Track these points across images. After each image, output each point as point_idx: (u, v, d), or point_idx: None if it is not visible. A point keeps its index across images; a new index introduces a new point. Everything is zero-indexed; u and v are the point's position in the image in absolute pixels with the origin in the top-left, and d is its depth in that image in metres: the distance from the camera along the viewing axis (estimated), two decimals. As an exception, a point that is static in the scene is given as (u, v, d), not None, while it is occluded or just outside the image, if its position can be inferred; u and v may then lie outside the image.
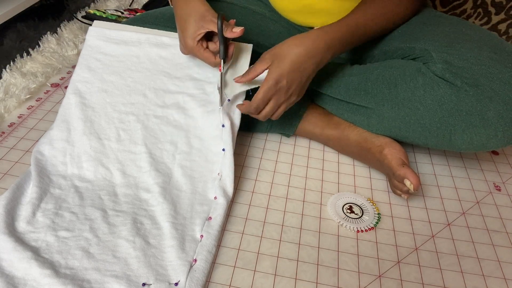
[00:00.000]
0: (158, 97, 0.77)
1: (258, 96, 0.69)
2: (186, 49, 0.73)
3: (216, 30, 0.68)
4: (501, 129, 0.65)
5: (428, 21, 0.78)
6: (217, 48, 0.71)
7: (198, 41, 0.70)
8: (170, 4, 0.77)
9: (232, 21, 0.71)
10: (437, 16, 0.80)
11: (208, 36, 0.72)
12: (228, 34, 0.68)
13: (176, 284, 0.56)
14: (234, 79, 0.72)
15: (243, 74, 0.72)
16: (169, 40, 0.81)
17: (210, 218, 0.65)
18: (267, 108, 0.70)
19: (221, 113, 0.73)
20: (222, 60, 0.71)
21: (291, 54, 0.68)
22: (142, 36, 0.82)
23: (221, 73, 0.72)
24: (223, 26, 0.68)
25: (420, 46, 0.73)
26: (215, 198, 0.68)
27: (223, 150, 0.72)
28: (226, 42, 0.70)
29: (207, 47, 0.72)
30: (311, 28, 0.88)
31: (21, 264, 0.55)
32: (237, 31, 0.68)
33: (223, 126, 0.73)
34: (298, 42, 0.69)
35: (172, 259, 0.59)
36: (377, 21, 0.75)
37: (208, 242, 0.61)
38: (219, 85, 0.74)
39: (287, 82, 0.68)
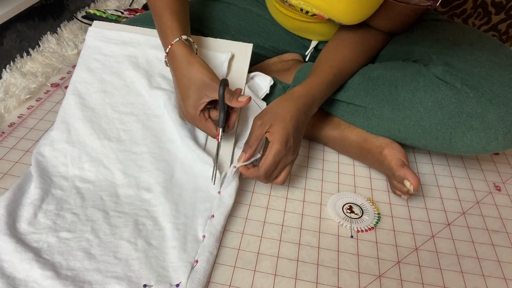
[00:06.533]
0: (155, 97, 0.77)
1: (267, 161, 0.64)
2: (187, 118, 0.69)
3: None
4: (501, 132, 0.65)
5: (427, 25, 0.78)
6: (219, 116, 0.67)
7: (201, 110, 0.67)
8: (166, 65, 0.72)
9: (238, 89, 0.68)
10: (437, 20, 0.80)
11: (211, 103, 0.68)
12: (234, 103, 0.63)
13: (177, 285, 0.56)
14: (237, 162, 0.66)
15: (244, 148, 0.66)
16: None
17: (213, 216, 0.65)
18: (276, 171, 0.66)
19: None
20: (221, 129, 0.66)
21: (290, 112, 0.66)
22: (142, 37, 0.82)
23: (218, 143, 0.68)
24: (227, 94, 0.63)
25: (420, 48, 0.73)
26: (219, 193, 0.67)
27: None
28: (228, 109, 0.66)
29: (209, 116, 0.68)
30: (309, 40, 0.89)
31: (22, 266, 0.55)
32: (243, 100, 0.63)
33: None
34: (289, 100, 0.68)
35: (174, 260, 0.59)
36: (353, 61, 0.75)
37: (210, 243, 0.61)
38: (214, 157, 0.68)
39: (294, 139, 0.65)
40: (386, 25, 0.76)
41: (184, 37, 0.69)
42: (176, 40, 0.68)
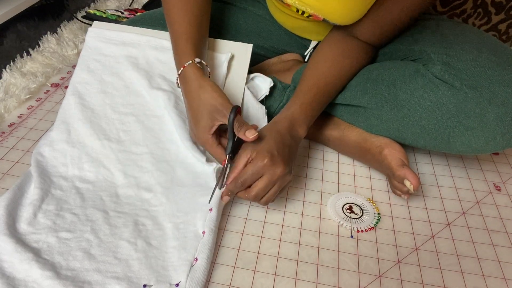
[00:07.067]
0: (156, 97, 0.77)
1: (246, 169, 0.61)
2: (198, 141, 0.69)
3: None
4: (499, 132, 0.65)
5: (427, 23, 0.78)
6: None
7: (212, 134, 0.66)
8: (177, 86, 0.72)
9: (254, 125, 0.64)
10: (437, 19, 0.80)
11: (223, 127, 0.67)
12: (241, 135, 0.61)
13: (177, 285, 0.56)
14: (222, 196, 0.65)
15: (229, 174, 0.64)
16: (169, 44, 0.81)
17: (211, 209, 0.64)
18: (261, 184, 0.61)
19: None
20: (228, 156, 0.64)
21: (271, 135, 0.64)
22: (142, 38, 0.82)
23: (223, 168, 0.65)
24: (236, 123, 0.61)
25: (419, 47, 0.73)
26: (210, 210, 0.65)
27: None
28: (238, 137, 0.63)
29: (220, 142, 0.67)
30: (309, 40, 0.89)
31: (22, 266, 0.55)
32: (250, 136, 0.60)
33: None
34: (269, 128, 0.67)
35: (174, 259, 0.59)
36: (334, 77, 0.74)
37: (210, 240, 0.61)
38: (216, 181, 0.66)
39: (279, 153, 0.62)
40: (370, 34, 0.74)
41: (197, 60, 0.68)
42: (188, 62, 0.68)
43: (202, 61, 0.70)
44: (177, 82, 0.71)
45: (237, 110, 0.61)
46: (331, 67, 0.74)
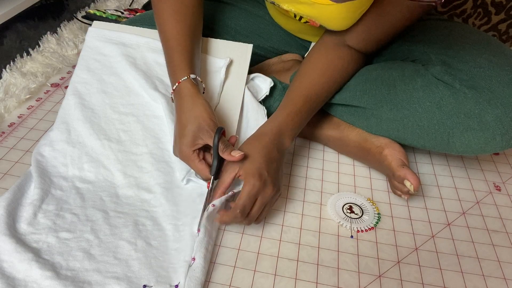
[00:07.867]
0: (155, 98, 0.77)
1: (242, 196, 0.60)
2: (180, 155, 0.67)
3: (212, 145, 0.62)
4: (499, 132, 0.65)
5: (427, 24, 0.78)
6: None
7: (194, 150, 0.65)
8: (171, 101, 0.71)
9: (233, 138, 0.66)
10: (437, 19, 0.80)
11: (207, 146, 0.67)
12: (226, 156, 0.61)
13: (177, 286, 0.56)
14: (215, 219, 0.63)
15: (217, 186, 0.64)
16: None
17: (214, 204, 0.63)
18: (255, 208, 0.61)
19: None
20: (212, 177, 0.64)
21: (258, 150, 0.64)
22: (142, 39, 0.82)
23: (208, 190, 0.64)
24: (221, 144, 0.61)
25: (419, 48, 0.73)
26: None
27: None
28: (222, 158, 0.63)
29: (203, 158, 0.66)
30: (309, 41, 0.89)
31: (22, 266, 0.55)
32: (236, 156, 0.60)
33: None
34: (256, 139, 0.66)
35: (174, 261, 0.59)
36: (323, 86, 0.73)
37: (206, 238, 0.61)
38: (203, 205, 0.64)
39: (268, 173, 0.62)
40: (361, 42, 0.73)
41: (192, 76, 0.68)
42: (184, 78, 0.67)
43: (197, 77, 0.69)
44: (172, 97, 0.71)
45: (222, 132, 0.62)
46: (319, 77, 0.73)
